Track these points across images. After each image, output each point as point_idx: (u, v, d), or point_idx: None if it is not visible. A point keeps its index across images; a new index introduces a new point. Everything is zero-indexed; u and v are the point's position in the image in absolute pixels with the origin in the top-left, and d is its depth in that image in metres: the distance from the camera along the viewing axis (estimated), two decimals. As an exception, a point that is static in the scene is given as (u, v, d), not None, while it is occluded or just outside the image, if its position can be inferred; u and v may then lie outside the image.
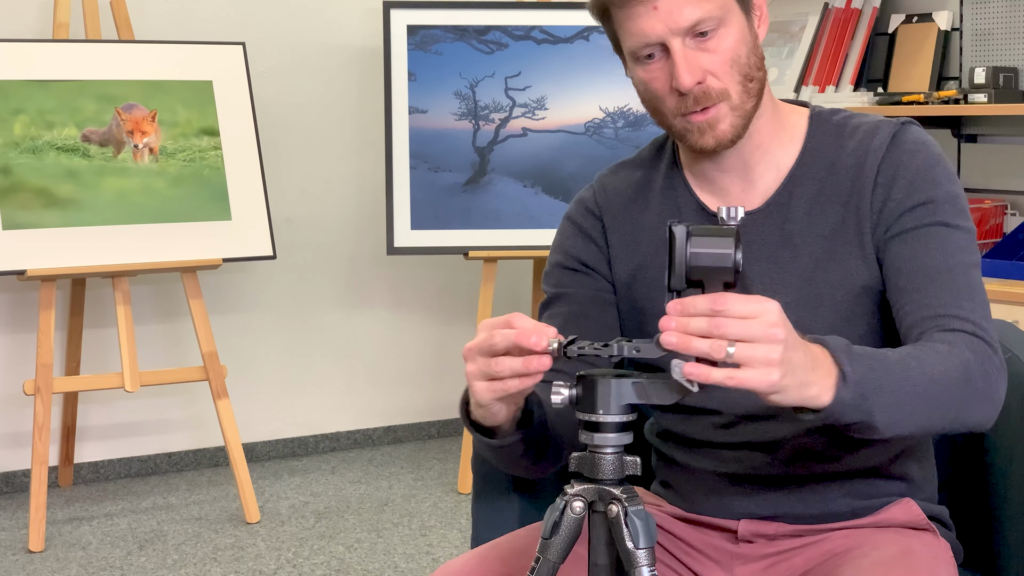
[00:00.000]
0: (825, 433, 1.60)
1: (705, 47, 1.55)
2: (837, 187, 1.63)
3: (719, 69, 1.56)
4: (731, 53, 1.56)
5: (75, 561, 3.52)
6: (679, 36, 1.54)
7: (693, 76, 1.54)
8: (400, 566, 3.44)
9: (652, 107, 1.62)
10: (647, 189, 1.73)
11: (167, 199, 3.78)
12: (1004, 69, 4.05)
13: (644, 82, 1.60)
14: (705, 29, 1.54)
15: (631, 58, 1.60)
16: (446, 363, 4.76)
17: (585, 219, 1.76)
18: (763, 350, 1.30)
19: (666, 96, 1.58)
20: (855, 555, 1.58)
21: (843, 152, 1.64)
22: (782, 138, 1.66)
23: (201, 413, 4.35)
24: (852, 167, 1.63)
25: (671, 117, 1.60)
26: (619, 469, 1.36)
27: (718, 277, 1.32)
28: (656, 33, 1.54)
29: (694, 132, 1.59)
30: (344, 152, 4.57)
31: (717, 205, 1.64)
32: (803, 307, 1.59)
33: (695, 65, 1.54)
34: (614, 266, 1.73)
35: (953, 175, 1.64)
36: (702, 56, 1.55)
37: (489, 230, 4.08)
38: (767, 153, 1.65)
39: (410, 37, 4.11)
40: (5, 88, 3.61)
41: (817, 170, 1.64)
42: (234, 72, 3.93)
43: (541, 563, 1.38)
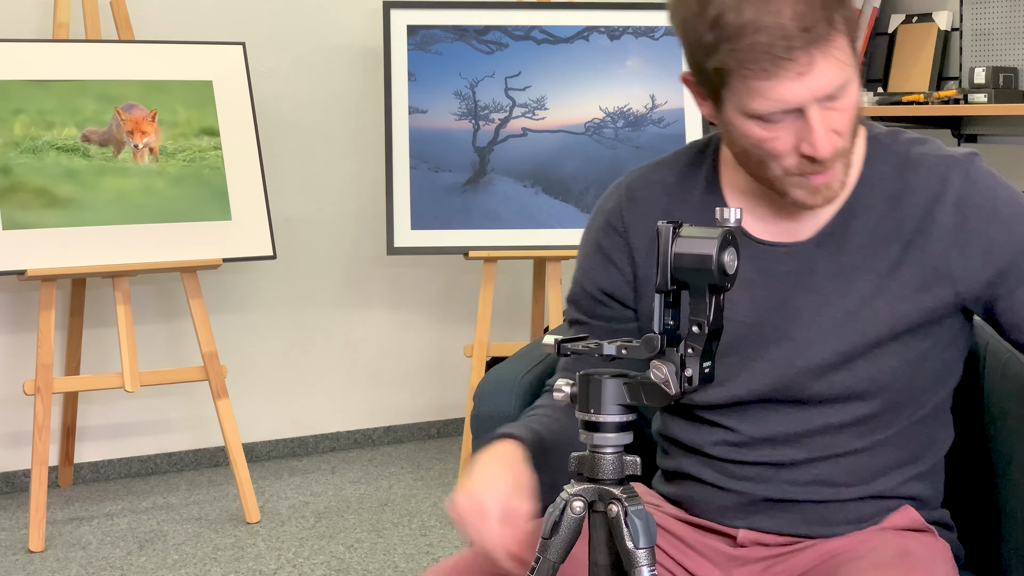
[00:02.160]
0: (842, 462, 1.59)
1: (834, 107, 1.47)
2: (899, 224, 1.56)
3: (845, 127, 1.49)
4: (855, 109, 1.50)
5: (75, 561, 3.52)
6: (818, 103, 1.45)
7: (830, 143, 1.47)
8: (400, 566, 3.45)
9: (756, 160, 1.52)
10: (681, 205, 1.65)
11: (167, 199, 3.78)
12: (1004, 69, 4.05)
13: (760, 140, 1.49)
14: (840, 93, 1.47)
15: (746, 116, 1.48)
16: (446, 363, 4.76)
17: (608, 237, 1.68)
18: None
19: (785, 155, 1.49)
20: (852, 556, 1.58)
21: (906, 187, 1.57)
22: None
23: (201, 413, 4.35)
24: (919, 206, 1.56)
25: (780, 173, 1.51)
26: (619, 469, 1.36)
27: (702, 279, 1.30)
28: (798, 100, 1.44)
29: (805, 191, 1.52)
30: (344, 152, 4.57)
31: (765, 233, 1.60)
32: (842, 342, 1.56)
33: (828, 128, 1.47)
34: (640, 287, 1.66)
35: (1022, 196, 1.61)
36: (832, 116, 1.47)
37: (489, 230, 4.08)
38: None
39: (410, 37, 4.11)
40: (5, 88, 3.61)
41: (876, 201, 1.58)
42: (234, 72, 3.94)
43: (541, 563, 1.38)
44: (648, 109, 4.11)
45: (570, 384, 1.38)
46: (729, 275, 1.30)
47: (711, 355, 1.33)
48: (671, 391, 1.31)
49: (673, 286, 1.32)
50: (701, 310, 1.31)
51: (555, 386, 1.39)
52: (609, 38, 4.12)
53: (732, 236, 1.31)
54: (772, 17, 1.41)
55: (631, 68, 4.10)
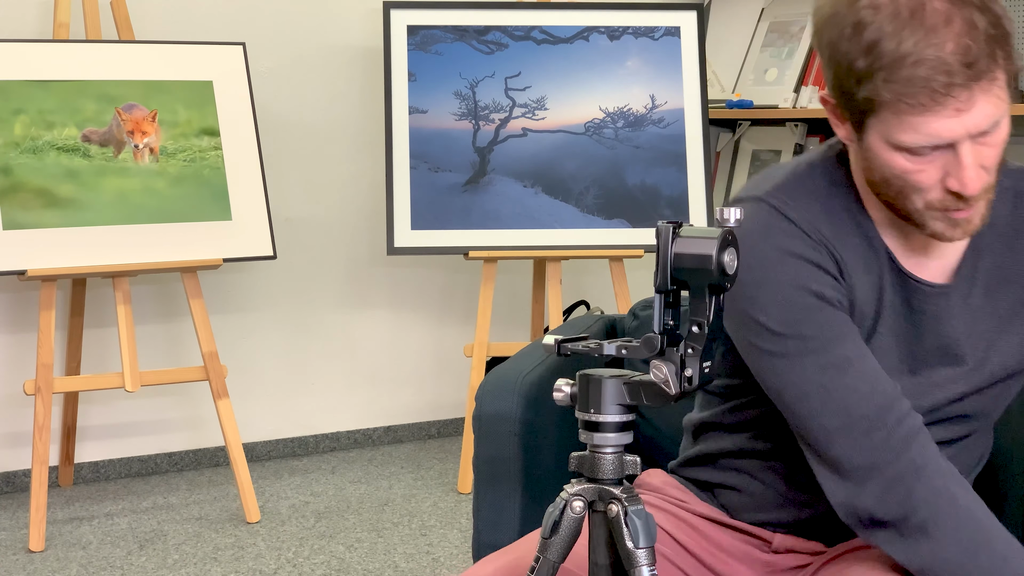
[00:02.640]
0: None
1: (986, 142, 1.41)
2: (1017, 265, 1.56)
3: (992, 163, 1.43)
4: (1004, 143, 1.44)
5: (75, 561, 3.52)
6: (971, 139, 1.40)
7: (979, 180, 1.41)
8: (400, 566, 3.45)
9: (897, 190, 1.45)
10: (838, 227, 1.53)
11: (167, 199, 3.78)
12: (1004, 69, 4.04)
13: (904, 171, 1.42)
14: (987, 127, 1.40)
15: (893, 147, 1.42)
16: (446, 363, 4.76)
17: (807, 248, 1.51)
18: None
19: (930, 189, 1.43)
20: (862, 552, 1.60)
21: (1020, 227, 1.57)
22: None
23: (201, 413, 4.35)
24: None
25: (923, 206, 1.45)
26: (619, 469, 1.36)
27: (701, 278, 1.31)
28: (952, 136, 1.38)
29: (946, 224, 1.46)
30: (344, 152, 4.57)
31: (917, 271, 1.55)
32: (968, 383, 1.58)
33: (978, 165, 1.41)
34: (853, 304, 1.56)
35: None
36: (982, 152, 1.41)
37: (489, 230, 4.08)
38: None
39: (410, 37, 4.11)
40: (5, 88, 3.61)
41: (995, 242, 1.56)
42: (234, 72, 3.94)
43: (541, 563, 1.38)
44: (648, 109, 4.11)
45: (570, 384, 1.38)
46: (729, 275, 1.30)
47: (711, 355, 1.33)
48: (671, 391, 1.31)
49: (673, 286, 1.32)
50: (701, 310, 1.32)
51: (555, 386, 1.39)
52: (609, 38, 4.12)
53: (732, 236, 1.31)
54: (934, 50, 1.35)
55: (631, 68, 4.10)
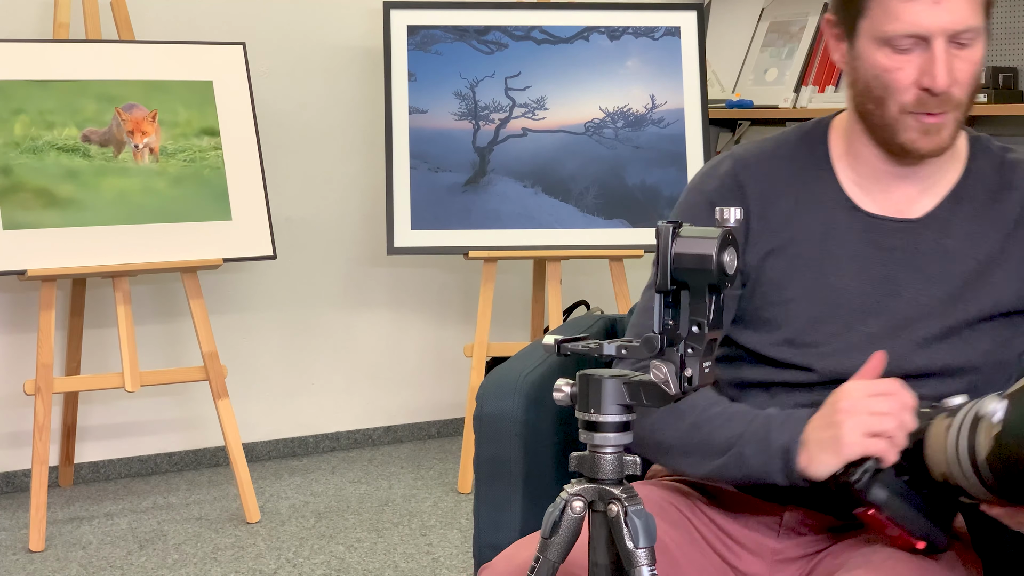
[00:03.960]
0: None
1: (960, 54, 1.57)
2: (1000, 216, 1.67)
3: (964, 79, 1.58)
4: (976, 68, 1.59)
5: (75, 561, 3.52)
6: (946, 37, 1.55)
7: (949, 78, 1.56)
8: (400, 566, 3.45)
9: (877, 95, 1.60)
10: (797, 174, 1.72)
11: (167, 199, 3.78)
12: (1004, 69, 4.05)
13: (884, 69, 1.58)
14: (966, 40, 1.57)
15: (877, 42, 1.58)
16: (446, 363, 4.76)
17: (721, 195, 1.72)
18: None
19: (904, 90, 1.58)
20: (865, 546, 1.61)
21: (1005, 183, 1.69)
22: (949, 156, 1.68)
23: (201, 413, 4.35)
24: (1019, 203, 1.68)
25: (896, 111, 1.60)
26: (619, 469, 1.36)
27: (701, 279, 1.31)
28: (928, 26, 1.55)
29: (917, 132, 1.60)
30: (344, 152, 4.57)
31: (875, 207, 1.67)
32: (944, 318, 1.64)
33: (951, 68, 1.56)
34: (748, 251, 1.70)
35: None
36: (956, 62, 1.57)
37: (489, 230, 4.08)
38: (938, 168, 1.68)
39: (410, 37, 4.11)
40: (5, 88, 3.61)
41: (978, 193, 1.68)
42: (234, 72, 3.93)
43: (541, 563, 1.38)
44: (648, 109, 4.11)
45: (570, 384, 1.38)
46: (728, 275, 1.31)
47: (711, 354, 1.33)
48: (671, 391, 1.31)
49: (673, 286, 1.32)
50: (701, 310, 1.32)
51: (555, 386, 1.39)
52: (609, 38, 4.12)
53: (732, 236, 1.31)
54: None
55: (631, 68, 4.10)
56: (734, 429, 1.59)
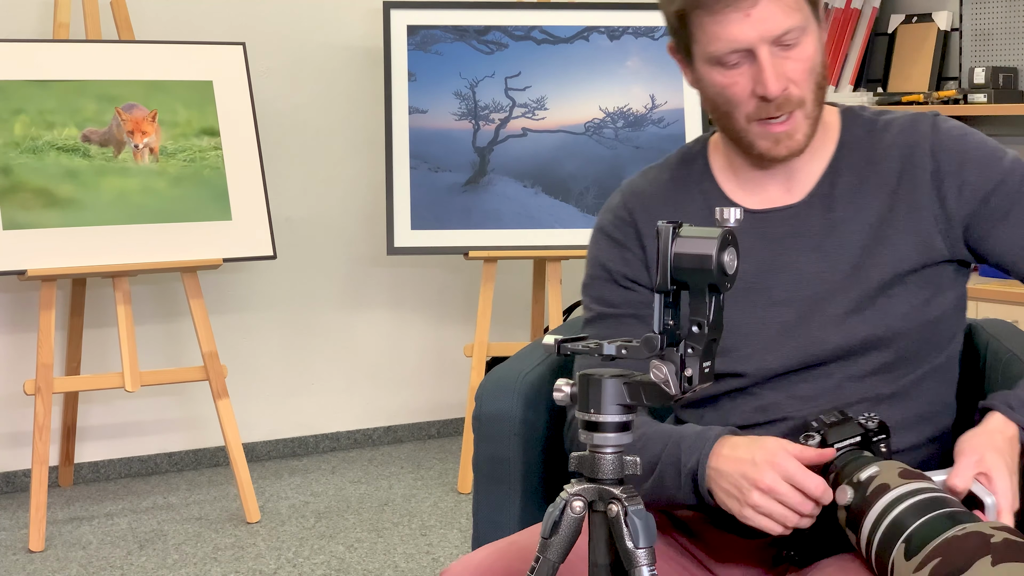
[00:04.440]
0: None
1: (789, 55, 1.59)
2: (880, 177, 1.68)
3: (799, 77, 1.60)
4: (811, 62, 1.61)
5: (75, 561, 3.52)
6: (768, 44, 1.58)
7: (780, 83, 1.58)
8: (400, 566, 3.45)
9: (723, 111, 1.64)
10: (679, 192, 1.76)
11: (167, 199, 3.78)
12: (1004, 69, 4.05)
13: (721, 86, 1.62)
14: (791, 40, 1.59)
15: (709, 62, 1.62)
16: (446, 363, 4.76)
17: (617, 228, 1.77)
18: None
19: (744, 101, 1.61)
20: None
21: (881, 145, 1.70)
22: (820, 136, 1.70)
23: (201, 413, 4.35)
24: (895, 159, 1.68)
25: (744, 122, 1.63)
26: (619, 469, 1.36)
27: (701, 279, 1.31)
28: (746, 39, 1.57)
29: (769, 141, 1.63)
30: (344, 152, 4.57)
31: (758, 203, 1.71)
32: (850, 290, 1.66)
33: (781, 72, 1.59)
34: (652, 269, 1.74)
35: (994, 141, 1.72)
36: (786, 64, 1.59)
37: (489, 230, 4.08)
38: (806, 156, 1.69)
39: (410, 37, 4.11)
40: (5, 88, 3.61)
41: (856, 161, 1.70)
42: (234, 72, 3.93)
43: (541, 563, 1.38)
44: (648, 109, 4.11)
45: (570, 384, 1.38)
46: (729, 275, 1.31)
47: (711, 355, 1.33)
48: (671, 391, 1.31)
49: (673, 286, 1.32)
50: (701, 310, 1.32)
51: (555, 386, 1.39)
52: (609, 38, 4.12)
53: (732, 236, 1.31)
54: None
55: (631, 68, 4.10)
56: (654, 451, 1.61)
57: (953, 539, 1.36)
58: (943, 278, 1.69)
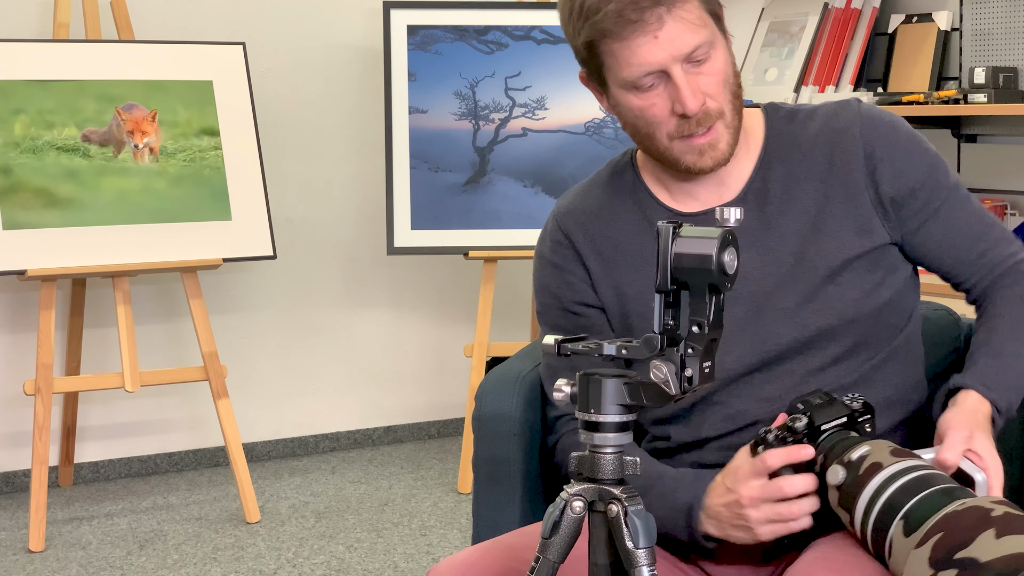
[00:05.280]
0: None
1: (701, 71, 1.62)
2: (811, 166, 1.70)
3: (715, 91, 1.62)
4: (723, 74, 1.64)
5: (75, 561, 3.52)
6: (679, 62, 1.60)
7: (697, 99, 1.60)
8: (400, 566, 3.45)
9: (644, 133, 1.66)
10: (611, 204, 1.78)
11: (167, 199, 3.78)
12: (1004, 69, 4.05)
13: (640, 109, 1.64)
14: (701, 56, 1.61)
15: (624, 88, 1.63)
16: (446, 363, 4.76)
17: (556, 252, 1.79)
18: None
19: (664, 121, 1.63)
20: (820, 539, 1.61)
21: (807, 133, 1.72)
22: (745, 137, 1.72)
23: (201, 413, 4.35)
24: (824, 145, 1.70)
25: (667, 141, 1.65)
26: (619, 469, 1.36)
27: (702, 279, 1.31)
28: (658, 61, 1.59)
29: (693, 154, 1.65)
30: (344, 152, 4.57)
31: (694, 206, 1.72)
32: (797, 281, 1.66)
33: (696, 88, 1.61)
34: (599, 288, 1.76)
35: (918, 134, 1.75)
36: (699, 79, 1.61)
37: (489, 230, 4.08)
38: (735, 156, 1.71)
39: (410, 37, 4.11)
40: (5, 88, 3.61)
41: (784, 153, 1.72)
42: (234, 72, 3.93)
43: (541, 563, 1.38)
44: (648, 109, 4.11)
45: (570, 384, 1.38)
46: (729, 275, 1.31)
47: (711, 355, 1.33)
48: (671, 391, 1.31)
49: (673, 286, 1.32)
50: (701, 310, 1.32)
51: (555, 386, 1.39)
52: (609, 38, 4.12)
53: (732, 236, 1.31)
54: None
55: (631, 68, 4.10)
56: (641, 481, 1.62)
57: (952, 514, 1.36)
58: (889, 259, 1.70)
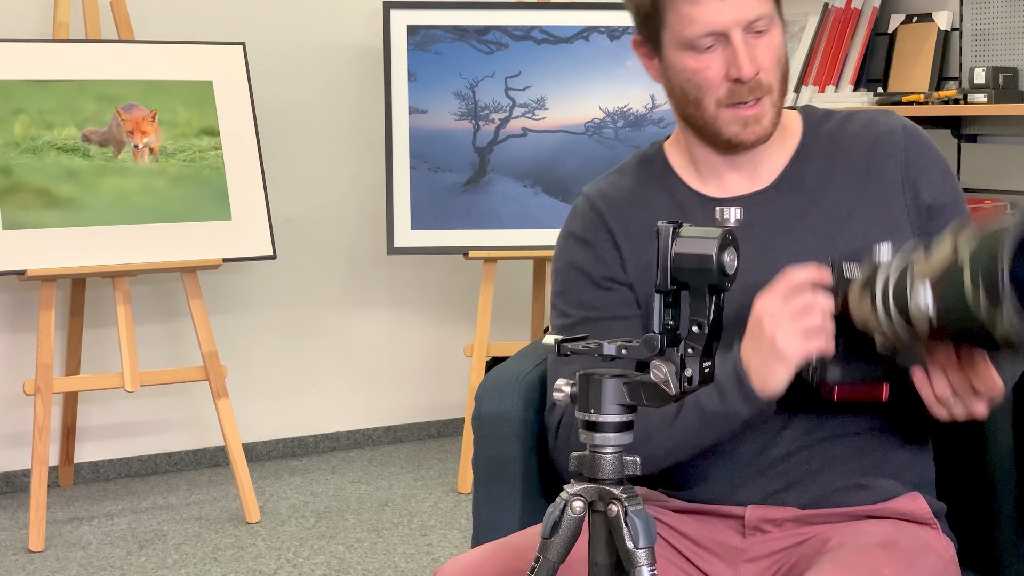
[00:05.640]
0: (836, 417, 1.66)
1: (759, 42, 1.65)
2: (849, 162, 1.71)
3: (768, 64, 1.65)
4: (778, 51, 1.67)
5: (75, 561, 3.52)
6: (741, 28, 1.62)
7: (753, 66, 1.63)
8: (400, 566, 3.45)
9: (693, 98, 1.67)
10: (642, 190, 1.78)
11: (167, 199, 3.78)
12: (1004, 69, 4.05)
13: (693, 72, 1.65)
14: (762, 27, 1.64)
15: (682, 48, 1.65)
16: (446, 363, 4.76)
17: (588, 230, 1.79)
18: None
19: (716, 86, 1.65)
20: (837, 544, 1.61)
21: (846, 133, 1.74)
22: (782, 132, 1.74)
23: (201, 413, 4.35)
24: (863, 145, 1.72)
25: (715, 108, 1.66)
26: (619, 469, 1.36)
27: (702, 279, 1.31)
28: (722, 22, 1.62)
29: (738, 125, 1.66)
30: (344, 152, 4.57)
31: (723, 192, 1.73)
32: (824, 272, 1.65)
33: (753, 56, 1.63)
34: (628, 269, 1.75)
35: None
36: (757, 50, 1.64)
37: (489, 230, 4.08)
38: (771, 147, 1.73)
39: (410, 37, 4.11)
40: (5, 88, 3.61)
41: (822, 148, 1.74)
42: (234, 72, 3.93)
43: (541, 563, 1.38)
44: (648, 109, 4.11)
45: (570, 384, 1.38)
46: (729, 275, 1.31)
47: (711, 355, 1.33)
48: (671, 391, 1.31)
49: (673, 286, 1.32)
50: (701, 310, 1.32)
51: (555, 386, 1.39)
52: (609, 38, 4.12)
53: (732, 236, 1.31)
54: None
55: (631, 68, 4.10)
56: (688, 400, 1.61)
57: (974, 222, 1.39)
58: None
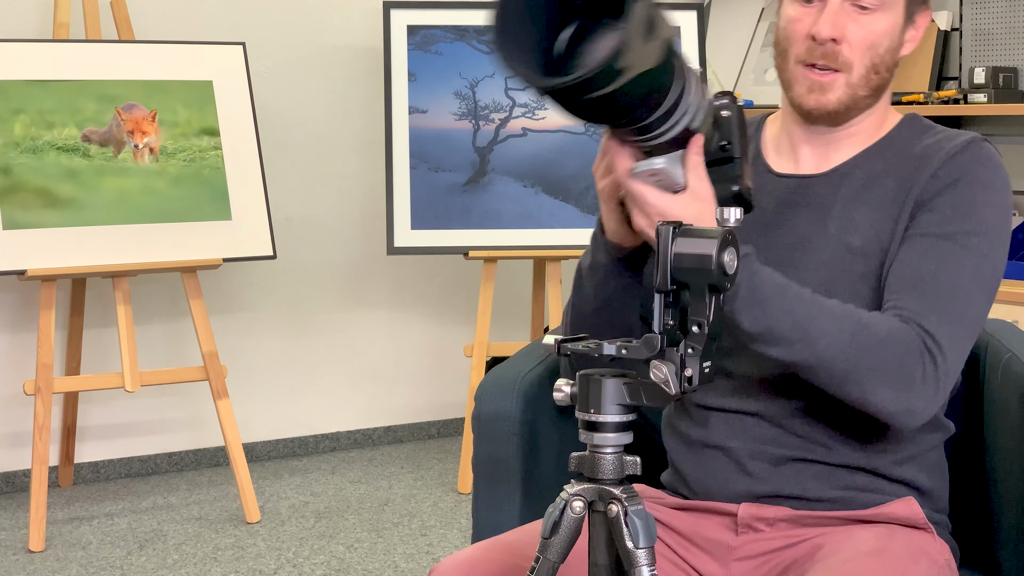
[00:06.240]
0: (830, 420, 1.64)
1: (858, 19, 1.63)
2: (900, 168, 1.69)
3: (856, 43, 1.63)
4: (874, 37, 1.64)
5: (75, 561, 3.52)
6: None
7: (831, 31, 1.62)
8: (400, 566, 3.45)
9: (781, 48, 1.69)
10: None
11: (167, 199, 3.78)
12: (1004, 69, 4.05)
13: (790, 20, 1.67)
14: (869, 5, 1.63)
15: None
16: (446, 363, 4.76)
17: None
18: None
19: (799, 40, 1.65)
20: (831, 551, 1.60)
21: (917, 145, 1.70)
22: (873, 127, 1.73)
23: (201, 413, 4.35)
24: (918, 157, 1.69)
25: (793, 62, 1.67)
26: (619, 469, 1.36)
27: (701, 279, 1.31)
28: None
29: (804, 86, 1.66)
30: (344, 152, 4.57)
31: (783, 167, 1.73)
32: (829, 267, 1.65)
33: (840, 24, 1.62)
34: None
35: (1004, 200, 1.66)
36: (851, 23, 1.63)
37: (489, 230, 4.08)
38: (852, 136, 1.72)
39: (410, 37, 4.11)
40: (5, 88, 3.61)
41: (889, 154, 1.71)
42: (234, 72, 3.94)
43: (541, 563, 1.38)
44: (648, 109, 4.10)
45: (570, 384, 1.38)
46: (729, 275, 1.31)
47: (711, 355, 1.33)
48: (671, 391, 1.31)
49: (673, 286, 1.32)
50: (701, 310, 1.32)
51: (555, 386, 1.39)
52: (609, 38, 4.12)
53: (732, 236, 1.31)
54: None
55: (631, 68, 4.10)
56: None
57: None
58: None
